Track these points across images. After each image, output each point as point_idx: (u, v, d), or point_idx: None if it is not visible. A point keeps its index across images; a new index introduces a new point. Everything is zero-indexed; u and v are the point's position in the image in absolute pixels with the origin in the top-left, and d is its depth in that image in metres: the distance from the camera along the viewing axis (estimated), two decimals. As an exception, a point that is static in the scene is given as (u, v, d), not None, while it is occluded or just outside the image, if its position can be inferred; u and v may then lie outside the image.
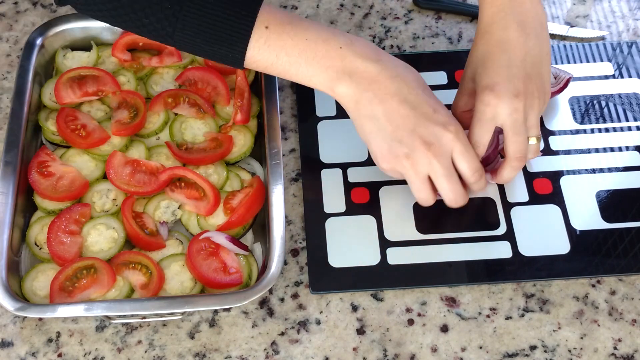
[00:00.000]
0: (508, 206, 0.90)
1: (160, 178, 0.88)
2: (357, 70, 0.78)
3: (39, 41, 0.98)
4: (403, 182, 0.91)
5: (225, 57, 0.78)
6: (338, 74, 0.78)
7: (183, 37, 0.76)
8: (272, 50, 0.77)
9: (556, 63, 1.02)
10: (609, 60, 1.02)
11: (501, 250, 0.87)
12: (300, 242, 0.89)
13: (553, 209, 0.90)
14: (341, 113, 0.97)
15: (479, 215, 0.90)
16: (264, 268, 0.83)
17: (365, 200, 0.91)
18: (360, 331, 0.83)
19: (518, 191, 0.91)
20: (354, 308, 0.84)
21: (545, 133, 0.96)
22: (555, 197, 0.91)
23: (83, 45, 1.01)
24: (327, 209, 0.90)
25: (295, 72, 0.79)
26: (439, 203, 0.90)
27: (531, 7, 0.84)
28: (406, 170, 0.81)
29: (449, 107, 0.97)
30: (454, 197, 0.83)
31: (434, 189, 0.83)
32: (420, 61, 1.02)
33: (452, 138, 0.79)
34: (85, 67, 0.98)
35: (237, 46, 0.76)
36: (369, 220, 0.89)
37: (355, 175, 0.93)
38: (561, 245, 0.87)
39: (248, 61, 0.78)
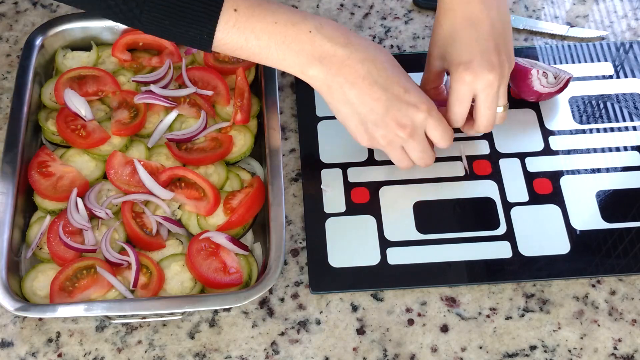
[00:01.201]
0: (508, 206, 0.90)
1: (160, 178, 0.88)
2: (326, 54, 0.78)
3: (38, 41, 0.98)
4: (403, 182, 0.92)
5: (193, 39, 0.76)
6: (308, 58, 0.78)
7: (150, 19, 0.74)
8: (241, 33, 0.76)
9: (556, 63, 1.02)
10: (609, 60, 1.02)
11: (501, 250, 0.87)
12: (300, 242, 0.89)
13: (553, 209, 0.90)
14: (341, 113, 0.98)
15: (479, 215, 0.90)
16: (264, 268, 0.83)
17: (365, 200, 0.91)
18: (360, 331, 0.83)
19: (518, 191, 0.91)
20: (354, 308, 0.84)
21: (546, 133, 0.96)
22: (555, 197, 0.91)
23: (83, 45, 1.01)
24: (327, 209, 0.90)
25: (266, 55, 0.78)
26: (438, 203, 0.90)
27: None
28: (384, 147, 0.85)
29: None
30: (425, 163, 0.87)
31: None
32: (420, 61, 1.02)
33: (425, 117, 0.82)
34: (85, 67, 0.98)
35: (205, 28, 0.75)
36: (369, 220, 0.89)
37: (355, 175, 0.93)
38: (561, 245, 0.87)
39: (217, 44, 0.77)
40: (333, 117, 0.97)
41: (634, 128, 0.97)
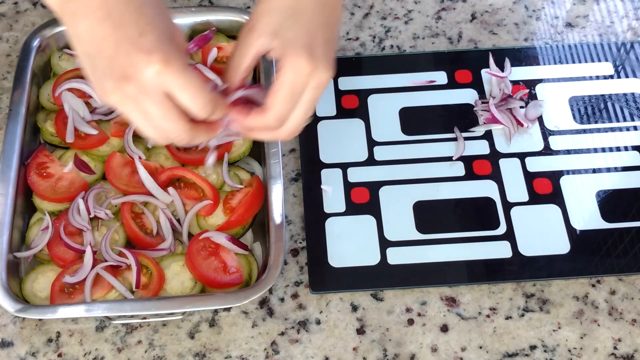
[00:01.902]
0: (508, 206, 0.90)
1: (160, 178, 0.88)
2: None
3: (36, 42, 0.97)
4: (403, 182, 0.92)
5: None
6: None
7: None
8: None
9: (556, 63, 1.02)
10: (609, 60, 1.02)
11: (501, 250, 0.87)
12: (300, 242, 0.89)
13: (553, 209, 0.90)
14: (341, 113, 0.98)
15: (479, 215, 0.90)
16: (264, 268, 0.83)
17: (365, 200, 0.91)
18: (360, 331, 0.83)
19: (518, 191, 0.91)
20: (354, 308, 0.84)
21: (545, 133, 0.96)
22: (555, 197, 0.91)
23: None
24: (327, 209, 0.90)
25: None
26: (438, 203, 0.90)
27: None
28: (118, 107, 0.65)
29: (450, 106, 0.98)
30: (164, 137, 0.66)
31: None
32: (420, 61, 1.02)
33: (158, 70, 0.61)
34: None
35: None
36: (369, 220, 0.89)
37: (355, 175, 0.93)
38: (561, 245, 0.87)
39: None
40: (333, 117, 0.97)
41: (634, 128, 0.97)
